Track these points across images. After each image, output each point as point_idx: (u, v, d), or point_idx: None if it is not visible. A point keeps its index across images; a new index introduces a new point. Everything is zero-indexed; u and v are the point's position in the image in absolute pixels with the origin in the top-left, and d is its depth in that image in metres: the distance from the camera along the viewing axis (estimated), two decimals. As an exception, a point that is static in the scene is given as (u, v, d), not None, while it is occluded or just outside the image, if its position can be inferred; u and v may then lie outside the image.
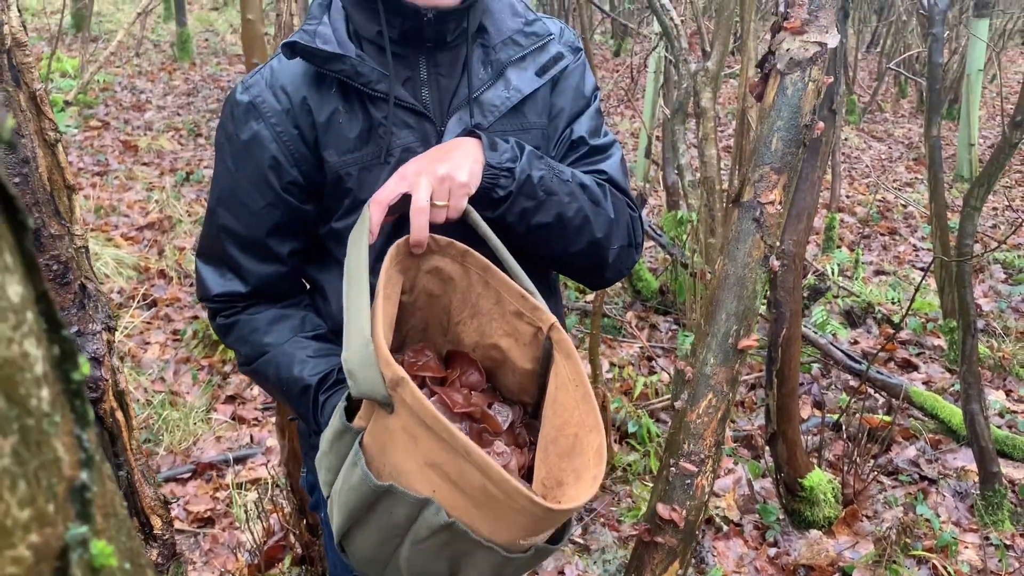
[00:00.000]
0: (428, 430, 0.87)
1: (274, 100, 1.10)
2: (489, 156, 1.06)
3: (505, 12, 1.18)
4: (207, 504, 2.75)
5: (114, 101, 7.83)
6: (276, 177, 1.11)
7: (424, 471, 0.90)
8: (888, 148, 7.95)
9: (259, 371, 1.18)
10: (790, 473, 2.61)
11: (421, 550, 0.94)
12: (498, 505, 0.88)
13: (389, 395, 0.89)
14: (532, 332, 1.07)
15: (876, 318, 4.11)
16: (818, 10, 1.03)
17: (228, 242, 1.15)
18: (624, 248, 1.18)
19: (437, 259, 1.07)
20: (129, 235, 4.93)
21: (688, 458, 1.03)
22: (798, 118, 1.04)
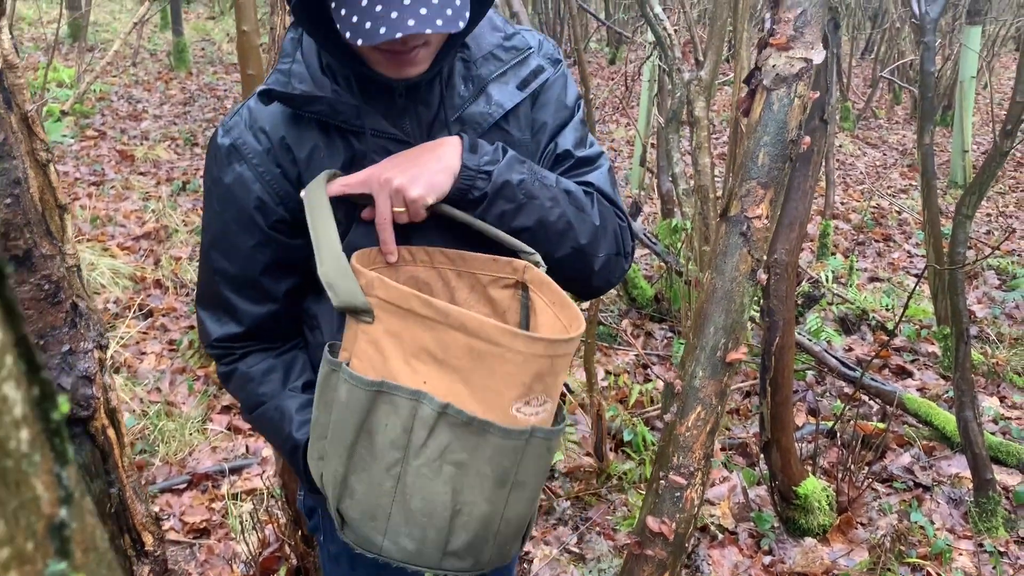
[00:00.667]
0: (408, 315, 0.92)
1: (254, 141, 1.10)
2: (467, 158, 1.07)
3: (484, 27, 1.18)
4: (203, 515, 2.75)
5: (111, 111, 7.85)
6: (262, 217, 1.12)
7: (411, 366, 0.94)
8: (882, 155, 7.98)
9: (256, 423, 1.22)
10: (784, 481, 2.62)
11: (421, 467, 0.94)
12: (484, 362, 0.91)
13: (367, 301, 0.94)
14: (510, 294, 1.10)
15: (870, 325, 4.12)
16: (804, 27, 1.04)
17: (223, 284, 1.16)
18: (612, 257, 1.18)
19: (411, 269, 1.09)
20: (125, 245, 4.93)
21: (677, 471, 1.04)
22: (784, 133, 1.05)
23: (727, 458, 3.06)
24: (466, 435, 0.93)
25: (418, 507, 0.96)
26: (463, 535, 0.98)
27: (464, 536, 0.98)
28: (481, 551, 1.00)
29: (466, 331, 0.90)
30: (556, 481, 2.92)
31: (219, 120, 7.80)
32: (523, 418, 0.95)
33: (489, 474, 0.95)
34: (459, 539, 0.98)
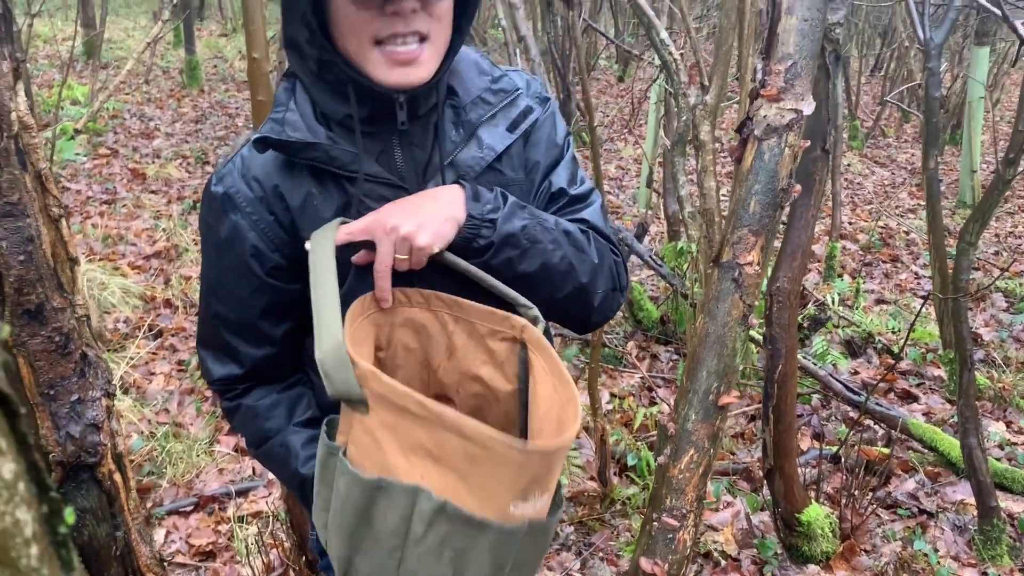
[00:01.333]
0: (403, 412, 0.91)
1: (247, 189, 1.12)
2: (471, 207, 1.08)
3: (472, 72, 1.19)
4: (209, 537, 2.77)
5: (123, 128, 7.93)
6: (258, 264, 1.14)
7: (408, 459, 0.94)
8: (891, 174, 7.99)
9: (262, 458, 1.24)
10: (787, 508, 2.62)
11: (422, 554, 0.96)
12: (480, 465, 0.91)
13: (362, 392, 0.93)
14: (507, 347, 1.11)
15: (876, 348, 4.13)
16: (794, 79, 1.06)
17: (222, 328, 1.19)
18: (609, 292, 1.21)
19: (407, 311, 1.10)
20: (136, 264, 4.98)
21: (670, 512, 1.05)
22: (775, 182, 1.08)
23: (730, 483, 3.06)
24: (465, 529, 0.95)
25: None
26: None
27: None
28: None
29: (462, 435, 0.90)
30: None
31: (230, 139, 7.87)
32: (520, 514, 0.96)
33: (488, 561, 0.97)
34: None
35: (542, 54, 10.43)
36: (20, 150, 0.90)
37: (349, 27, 1.03)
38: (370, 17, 1.01)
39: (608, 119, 9.72)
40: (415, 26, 1.02)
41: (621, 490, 2.95)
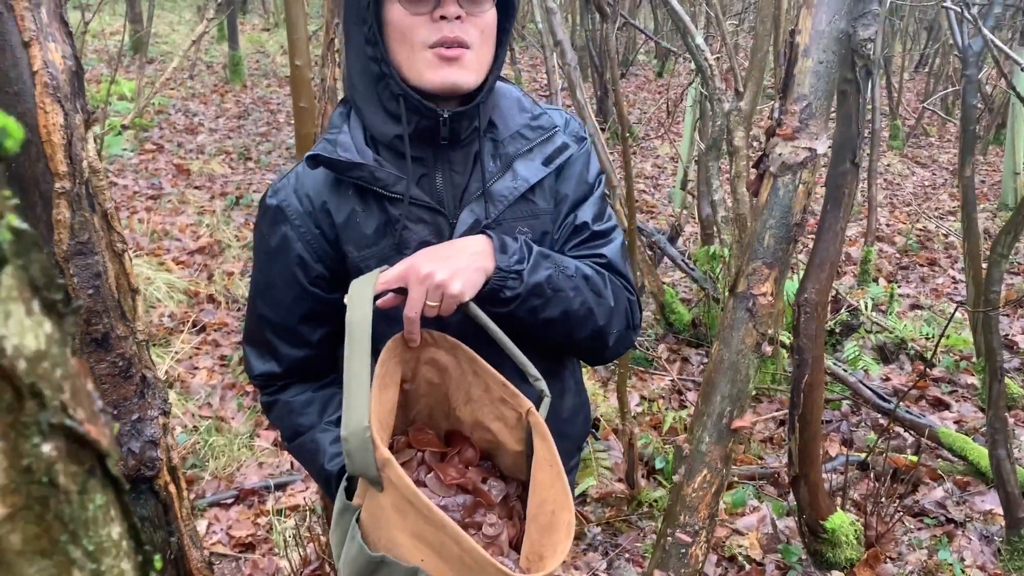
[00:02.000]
0: (412, 506, 0.97)
1: (298, 204, 1.21)
2: (499, 259, 1.14)
3: (513, 108, 1.27)
4: (248, 529, 2.88)
5: (168, 124, 8.12)
6: (303, 273, 1.22)
7: (412, 542, 0.99)
8: (932, 174, 7.89)
9: (294, 451, 1.32)
10: (812, 514, 2.66)
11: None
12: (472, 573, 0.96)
13: (379, 476, 0.99)
14: (515, 416, 1.16)
15: (909, 354, 4.12)
16: (808, 119, 1.11)
17: (266, 329, 1.28)
18: (623, 331, 1.28)
19: (433, 351, 1.16)
20: (180, 259, 5.13)
21: (684, 529, 1.11)
22: (789, 217, 1.13)
23: (757, 489, 3.10)
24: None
25: None
26: None
27: None
28: None
29: (460, 547, 0.96)
30: (588, 507, 2.99)
31: (271, 135, 8.02)
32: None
33: None
34: None
35: (580, 50, 10.44)
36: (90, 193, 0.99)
37: (402, 34, 1.12)
38: (421, 23, 1.11)
39: (646, 116, 9.72)
40: (459, 32, 1.11)
41: (649, 492, 3.00)
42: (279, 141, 7.85)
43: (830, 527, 2.66)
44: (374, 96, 1.18)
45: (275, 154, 7.47)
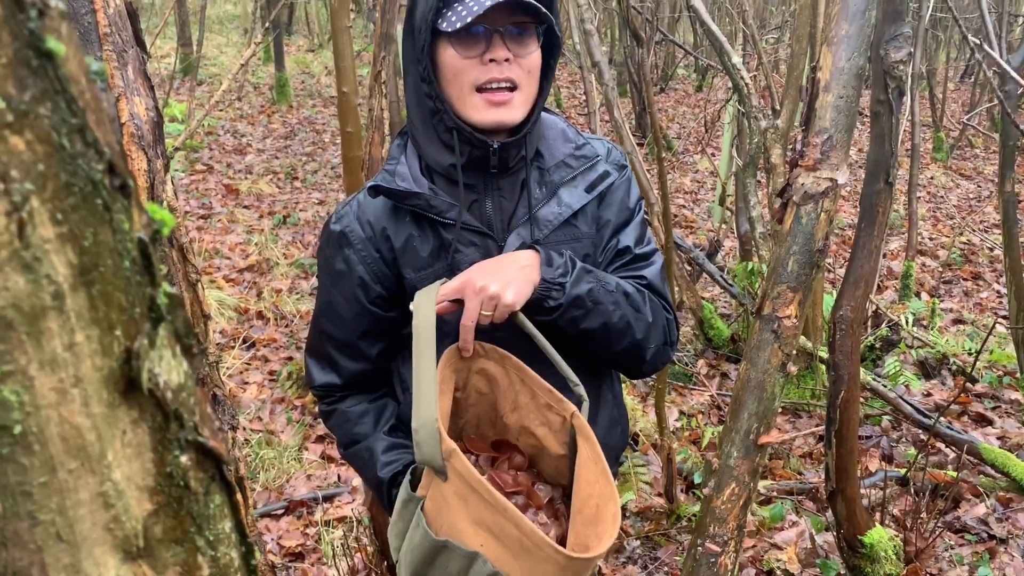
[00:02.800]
0: (474, 492, 1.06)
1: (360, 230, 1.32)
2: (544, 271, 1.22)
3: (558, 139, 1.37)
4: (298, 539, 2.99)
5: (217, 145, 8.36)
6: (364, 294, 1.33)
7: (473, 528, 1.08)
8: (977, 187, 7.80)
9: (350, 458, 1.43)
10: (850, 530, 2.68)
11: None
12: (530, 556, 1.06)
13: (444, 464, 1.08)
14: (560, 420, 1.25)
15: (951, 369, 4.11)
16: (830, 151, 1.18)
17: (328, 344, 1.39)
18: (660, 347, 1.35)
19: (483, 362, 1.26)
20: (230, 277, 5.29)
21: (713, 539, 1.18)
22: (811, 243, 1.19)
23: (795, 504, 3.13)
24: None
25: None
26: None
27: None
28: None
29: (519, 529, 1.05)
30: (627, 520, 3.05)
31: (316, 154, 8.21)
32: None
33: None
34: None
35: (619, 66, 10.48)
36: (169, 230, 1.09)
37: (454, 75, 1.22)
38: (471, 65, 1.21)
39: (685, 131, 9.75)
40: (507, 74, 1.21)
41: (687, 507, 3.05)
42: (324, 161, 8.04)
43: (868, 542, 2.68)
44: (430, 128, 1.28)
45: (320, 173, 7.66)
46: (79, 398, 0.36)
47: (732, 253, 5.72)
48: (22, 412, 0.34)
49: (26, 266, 0.33)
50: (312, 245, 5.93)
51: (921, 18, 5.05)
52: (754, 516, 3.03)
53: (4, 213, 0.31)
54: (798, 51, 3.83)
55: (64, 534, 0.37)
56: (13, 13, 0.29)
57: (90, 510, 0.37)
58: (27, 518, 0.36)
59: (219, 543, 0.43)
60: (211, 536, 0.42)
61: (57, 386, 0.35)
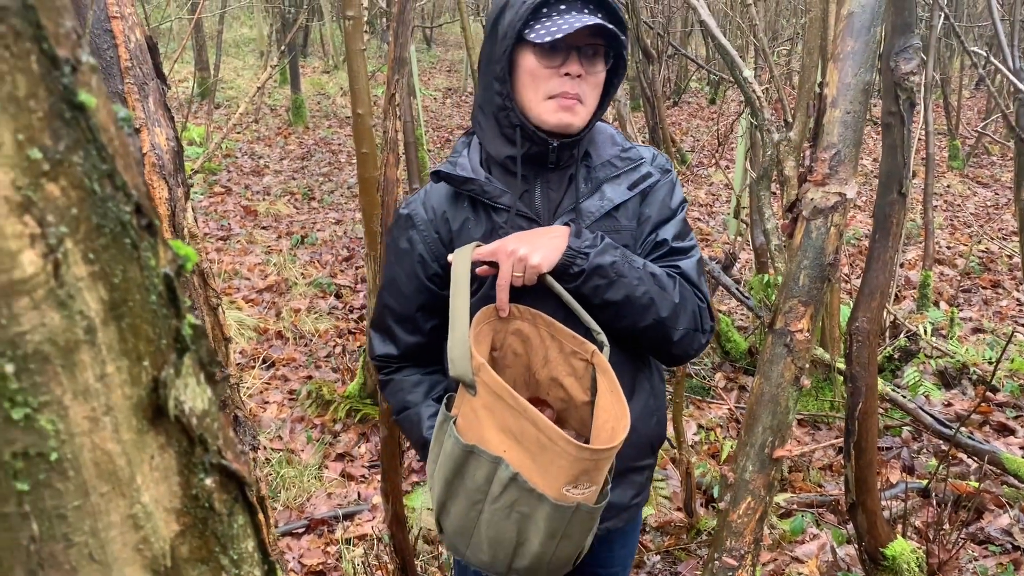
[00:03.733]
0: (499, 400, 1.19)
1: (423, 213, 1.47)
2: (572, 241, 1.33)
3: (606, 143, 1.50)
4: (319, 558, 3.00)
5: (235, 167, 8.45)
6: (422, 270, 1.47)
7: (498, 436, 1.22)
8: (994, 194, 7.76)
9: (402, 424, 1.56)
10: (871, 542, 2.67)
11: (496, 511, 1.24)
12: (547, 452, 1.18)
13: (474, 379, 1.22)
14: (584, 365, 1.37)
15: (971, 379, 4.08)
16: (838, 166, 1.19)
17: (388, 316, 1.53)
18: (691, 332, 1.41)
19: (518, 323, 1.39)
20: (250, 298, 5.34)
21: (730, 553, 1.18)
22: (822, 258, 1.20)
23: (816, 516, 3.11)
24: (529, 498, 1.23)
25: (492, 536, 1.27)
26: (524, 560, 1.29)
27: (524, 561, 1.29)
28: (537, 573, 1.31)
29: (536, 427, 1.17)
30: (647, 535, 3.04)
31: (333, 175, 8.28)
32: (571, 496, 1.22)
33: (543, 528, 1.24)
34: (521, 562, 1.29)
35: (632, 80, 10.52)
36: (190, 257, 1.13)
37: (531, 79, 1.36)
38: (550, 74, 1.34)
39: (699, 144, 9.76)
40: (577, 90, 1.35)
41: (707, 521, 3.04)
42: (341, 181, 8.11)
43: (890, 554, 2.67)
44: (494, 121, 1.42)
45: (337, 193, 7.72)
46: (110, 425, 0.38)
47: (748, 265, 5.71)
48: (57, 440, 0.36)
49: (61, 303, 0.35)
50: (329, 264, 5.98)
51: (933, 27, 5.05)
52: (774, 529, 3.02)
53: (41, 255, 0.33)
54: (809, 63, 3.84)
55: (96, 555, 0.39)
56: (49, 70, 0.32)
57: (121, 531, 0.39)
58: (62, 540, 0.38)
59: (243, 562, 0.45)
60: (235, 555, 0.44)
61: (90, 415, 0.37)
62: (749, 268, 5.60)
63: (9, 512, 0.36)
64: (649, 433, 1.56)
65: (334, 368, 4.44)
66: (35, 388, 0.35)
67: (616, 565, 1.72)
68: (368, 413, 3.89)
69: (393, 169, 2.39)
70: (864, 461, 2.60)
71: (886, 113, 2.43)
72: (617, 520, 1.56)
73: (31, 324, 0.34)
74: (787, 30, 10.65)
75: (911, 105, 2.59)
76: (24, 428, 0.35)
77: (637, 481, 1.58)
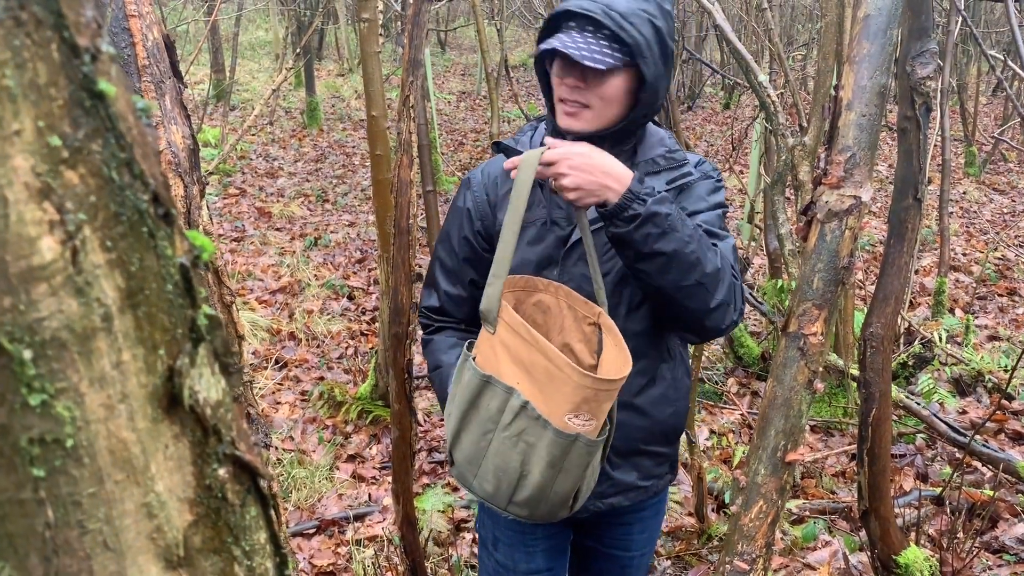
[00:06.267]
0: (516, 335, 1.30)
1: (480, 177, 1.63)
2: (633, 185, 1.37)
3: (655, 145, 1.59)
4: (329, 558, 3.01)
5: (250, 169, 8.49)
6: (468, 224, 1.61)
7: (511, 368, 1.32)
8: (1011, 201, 7.70)
9: (432, 380, 1.66)
10: (884, 550, 2.65)
11: (504, 439, 1.34)
12: (553, 381, 1.28)
13: (496, 317, 1.34)
14: (592, 329, 1.46)
15: (987, 386, 4.04)
16: (853, 168, 1.18)
17: (437, 267, 1.68)
18: (724, 305, 1.42)
19: (540, 295, 1.49)
20: (263, 299, 5.36)
21: (742, 557, 1.18)
22: (836, 261, 1.20)
23: (828, 523, 3.10)
24: (536, 426, 1.32)
25: (498, 464, 1.36)
26: (524, 492, 1.36)
27: (525, 493, 1.36)
28: (536, 507, 1.38)
29: (546, 357, 1.28)
30: (658, 540, 3.03)
31: (347, 177, 8.31)
32: (572, 426, 1.31)
33: (545, 457, 1.32)
34: (521, 494, 1.37)
35: (646, 85, 10.53)
36: (205, 254, 1.13)
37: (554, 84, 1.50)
38: (558, 83, 1.48)
39: (713, 148, 9.74)
40: (576, 97, 1.45)
41: (719, 526, 3.03)
42: (355, 183, 8.14)
43: (903, 563, 2.65)
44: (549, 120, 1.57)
45: (351, 196, 7.75)
46: (125, 413, 0.38)
47: (761, 270, 5.69)
48: (73, 427, 0.37)
49: (78, 290, 0.35)
50: (342, 266, 5.99)
51: (950, 33, 5.02)
52: (787, 536, 3.00)
53: (59, 241, 0.34)
54: (824, 68, 3.83)
55: (110, 542, 0.39)
56: (69, 59, 0.32)
57: (135, 520, 0.40)
58: (77, 527, 0.38)
59: (255, 553, 0.45)
60: (247, 546, 0.44)
61: (105, 402, 0.37)
62: (763, 273, 5.58)
63: (25, 498, 0.37)
64: (662, 420, 1.61)
65: (346, 369, 4.45)
66: (52, 374, 0.35)
67: (634, 549, 1.78)
68: (379, 415, 3.89)
69: (407, 171, 2.39)
70: (877, 468, 2.58)
71: (902, 118, 2.41)
72: (622, 498, 1.64)
73: (49, 311, 0.34)
74: (802, 35, 10.62)
75: (927, 110, 2.58)
76: (41, 414, 0.36)
77: (644, 465, 1.64)
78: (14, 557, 0.38)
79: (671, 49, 1.47)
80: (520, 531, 1.72)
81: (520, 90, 13.21)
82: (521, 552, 1.73)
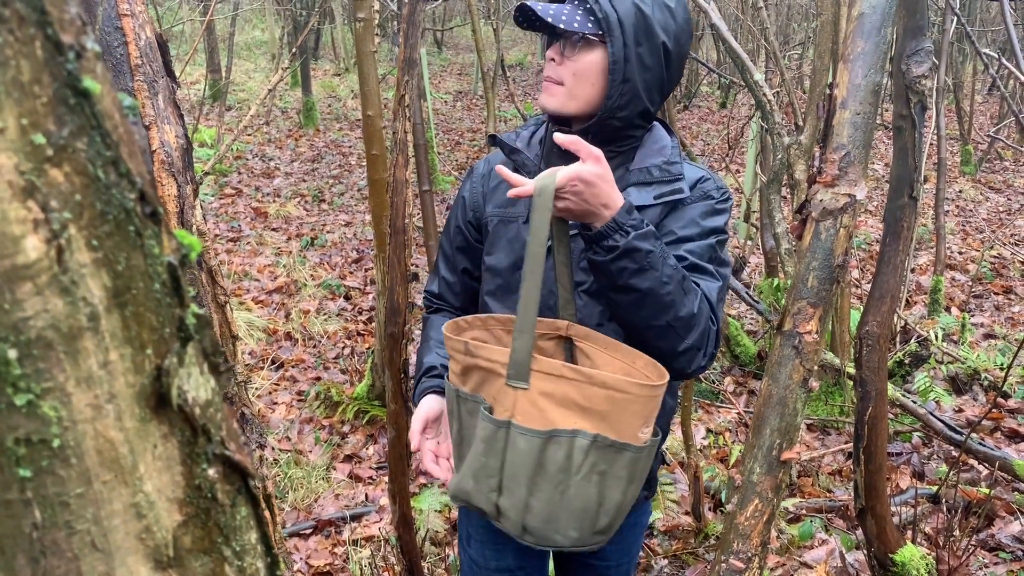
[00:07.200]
0: (558, 379, 1.26)
1: (482, 167, 1.66)
2: (619, 215, 1.31)
3: (654, 153, 1.50)
4: (326, 559, 3.00)
5: (246, 169, 8.48)
6: (462, 212, 1.65)
7: (563, 413, 1.27)
8: (1007, 199, 7.71)
9: (419, 348, 1.70)
10: (880, 548, 2.65)
11: (578, 482, 1.29)
12: (619, 405, 1.25)
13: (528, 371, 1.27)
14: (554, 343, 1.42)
15: (983, 385, 4.05)
16: (847, 167, 1.18)
17: (440, 254, 1.72)
18: (693, 350, 1.37)
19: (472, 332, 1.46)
20: (259, 299, 5.36)
21: (737, 556, 1.18)
22: (831, 259, 1.19)
23: (825, 522, 3.10)
24: (609, 453, 1.28)
25: (579, 507, 1.30)
26: (604, 519, 1.33)
27: (605, 520, 1.33)
28: (612, 526, 1.35)
29: (605, 386, 1.24)
30: (655, 539, 3.03)
31: (343, 177, 8.30)
32: (643, 436, 1.29)
33: (624, 477, 1.30)
34: (602, 521, 1.33)
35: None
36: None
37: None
38: (548, 60, 1.47)
39: (709, 147, 9.74)
40: (551, 72, 1.45)
41: (715, 525, 3.03)
42: (351, 183, 8.13)
43: (900, 561, 2.65)
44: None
45: (347, 195, 7.74)
46: (113, 413, 0.38)
47: (758, 269, 5.70)
48: (60, 427, 0.36)
49: (64, 289, 0.35)
50: (339, 266, 5.99)
51: (946, 31, 5.03)
52: (783, 534, 3.00)
53: (44, 240, 0.33)
54: (820, 67, 3.83)
55: (99, 543, 0.39)
56: (53, 56, 0.32)
57: (123, 520, 0.39)
58: (64, 528, 0.38)
59: (245, 554, 0.44)
60: (237, 547, 0.44)
61: (93, 402, 0.37)
62: (759, 272, 5.58)
63: (12, 499, 0.36)
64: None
65: (343, 369, 4.45)
66: (38, 374, 0.35)
67: (611, 558, 1.75)
68: (376, 415, 3.89)
69: (403, 171, 2.39)
70: (874, 466, 2.58)
71: (897, 116, 2.42)
72: None
73: (34, 310, 0.34)
74: (798, 34, 10.64)
75: (923, 108, 2.58)
76: (27, 414, 0.35)
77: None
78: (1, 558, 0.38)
79: (662, 42, 1.39)
80: (491, 529, 1.71)
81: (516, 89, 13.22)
82: (491, 549, 1.73)
